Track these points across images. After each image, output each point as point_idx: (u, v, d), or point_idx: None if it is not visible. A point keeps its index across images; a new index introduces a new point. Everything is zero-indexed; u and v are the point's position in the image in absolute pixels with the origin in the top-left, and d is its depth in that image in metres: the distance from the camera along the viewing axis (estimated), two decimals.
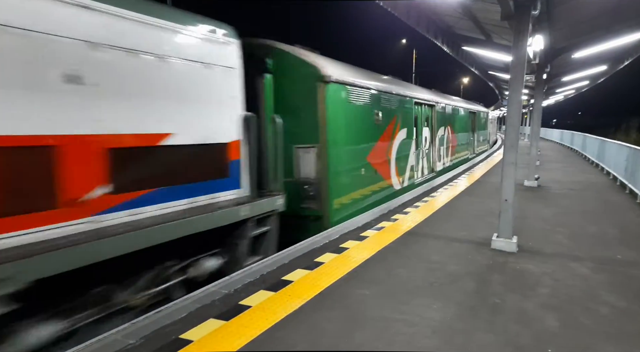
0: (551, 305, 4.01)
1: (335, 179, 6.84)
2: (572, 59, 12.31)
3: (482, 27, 10.34)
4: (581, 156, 21.10)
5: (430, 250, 5.63)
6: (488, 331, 3.50)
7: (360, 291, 4.27)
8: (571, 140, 26.71)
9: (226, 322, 3.57)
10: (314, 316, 3.72)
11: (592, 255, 5.54)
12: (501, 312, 3.85)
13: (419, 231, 6.57)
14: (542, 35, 8.69)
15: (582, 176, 13.77)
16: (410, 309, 3.87)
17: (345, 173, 7.25)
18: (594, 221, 7.42)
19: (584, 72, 16.13)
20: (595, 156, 16.96)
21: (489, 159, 19.08)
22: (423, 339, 3.35)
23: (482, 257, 5.36)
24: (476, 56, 15.26)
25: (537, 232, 6.63)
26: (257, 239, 5.44)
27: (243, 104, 5.18)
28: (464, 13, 9.28)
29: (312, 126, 6.54)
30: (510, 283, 4.54)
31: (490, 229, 6.36)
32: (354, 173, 7.61)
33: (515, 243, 5.65)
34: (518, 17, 5.43)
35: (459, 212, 8.01)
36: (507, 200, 5.66)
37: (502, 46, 11.15)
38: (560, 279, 4.69)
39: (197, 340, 3.26)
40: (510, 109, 5.65)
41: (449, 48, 12.63)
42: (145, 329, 3.35)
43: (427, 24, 10.76)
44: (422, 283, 4.50)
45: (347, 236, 6.30)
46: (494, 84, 26.67)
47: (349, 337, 3.38)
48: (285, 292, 4.23)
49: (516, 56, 5.55)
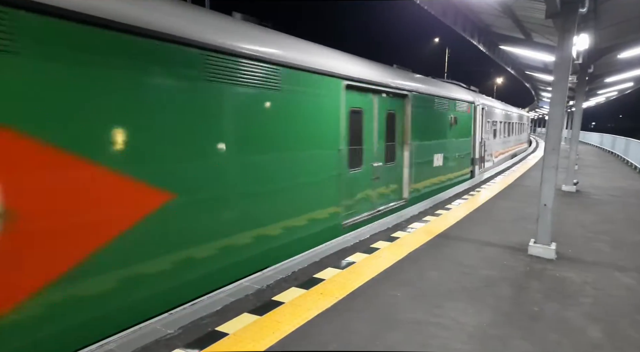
0: (594, 315, 3.85)
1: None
2: (617, 59, 11.72)
3: (522, 26, 10.00)
4: (623, 161, 20.11)
5: (463, 253, 5.51)
6: (525, 339, 3.40)
7: (392, 293, 4.23)
8: (612, 144, 25.51)
9: (260, 317, 3.63)
10: (345, 315, 3.72)
11: (636, 265, 5.28)
12: (540, 320, 3.73)
13: (451, 234, 6.45)
14: (587, 34, 8.32)
15: (624, 181, 13.12)
16: (444, 313, 3.81)
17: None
18: (638, 230, 7.06)
19: (629, 73, 15.34)
20: (638, 161, 16.14)
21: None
22: (458, 344, 3.29)
23: (519, 263, 5.20)
24: (513, 56, 14.80)
25: (576, 239, 6.37)
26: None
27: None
28: (503, 11, 9.01)
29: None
30: (549, 291, 4.39)
31: (526, 235, 6.16)
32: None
33: (554, 250, 5.45)
34: (564, 15, 5.22)
35: (493, 215, 7.80)
36: (547, 205, 5.47)
37: (543, 45, 10.76)
38: (602, 288, 4.49)
39: (232, 333, 3.33)
40: (552, 111, 5.45)
41: (485, 47, 12.30)
42: (183, 320, 3.44)
43: (464, 22, 10.51)
44: (455, 287, 4.42)
45: (377, 236, 6.26)
46: (531, 85, 25.79)
47: (381, 338, 3.36)
48: (317, 290, 4.25)
49: (560, 56, 5.34)
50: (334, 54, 6.57)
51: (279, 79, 4.93)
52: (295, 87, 5.26)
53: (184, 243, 3.89)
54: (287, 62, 5.05)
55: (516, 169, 15.57)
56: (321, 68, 5.72)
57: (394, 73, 8.33)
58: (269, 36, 5.13)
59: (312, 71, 5.54)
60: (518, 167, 16.24)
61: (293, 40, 5.67)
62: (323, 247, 5.47)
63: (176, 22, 3.76)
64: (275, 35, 5.34)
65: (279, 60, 4.91)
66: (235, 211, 4.49)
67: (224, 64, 4.19)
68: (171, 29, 3.65)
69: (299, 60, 5.29)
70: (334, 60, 6.31)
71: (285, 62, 5.02)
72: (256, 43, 4.69)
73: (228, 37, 4.31)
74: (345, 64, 6.52)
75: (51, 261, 2.92)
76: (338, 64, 6.27)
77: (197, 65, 3.93)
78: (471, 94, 13.31)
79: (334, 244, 5.67)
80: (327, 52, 6.37)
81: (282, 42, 5.33)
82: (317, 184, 5.80)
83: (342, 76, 6.21)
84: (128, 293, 3.43)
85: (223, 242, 4.32)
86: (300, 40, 5.88)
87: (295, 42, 5.67)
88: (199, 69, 3.94)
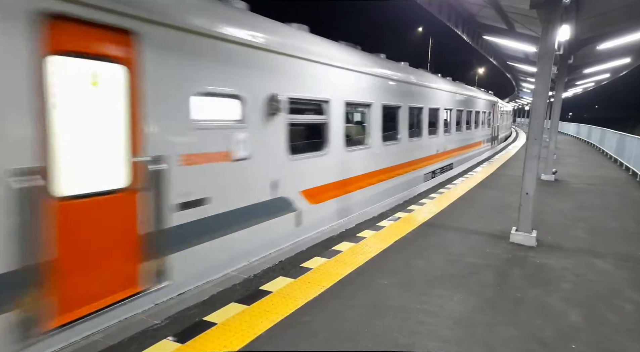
0: (574, 300, 3.97)
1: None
2: (596, 51, 11.97)
3: (506, 16, 10.08)
4: (599, 151, 20.71)
5: (448, 242, 5.60)
6: (510, 324, 3.48)
7: (380, 281, 4.27)
8: (588, 134, 26.22)
9: (248, 306, 3.61)
10: (334, 303, 3.73)
11: (613, 251, 5.46)
12: (522, 305, 3.83)
13: (436, 222, 6.53)
14: (569, 25, 8.44)
15: (600, 170, 13.52)
16: (430, 300, 3.87)
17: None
18: (614, 217, 7.30)
19: (607, 64, 15.70)
20: (613, 151, 16.63)
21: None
22: (445, 330, 3.35)
23: (501, 251, 5.31)
24: (496, 46, 14.95)
25: (556, 227, 6.55)
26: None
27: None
28: (488, 1, 9.05)
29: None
30: (530, 277, 4.50)
31: (507, 222, 6.29)
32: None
33: (534, 237, 5.59)
34: (548, 6, 5.27)
35: (476, 204, 7.94)
36: (528, 193, 5.58)
37: (525, 36, 10.88)
38: (581, 274, 4.64)
39: (220, 323, 3.30)
40: (535, 101, 5.53)
41: (469, 37, 12.37)
42: (170, 310, 3.40)
43: (449, 11, 10.53)
44: (441, 274, 4.49)
45: (363, 225, 6.29)
46: (512, 75, 26.17)
47: (370, 325, 3.39)
48: (305, 279, 4.25)
49: (544, 47, 5.40)
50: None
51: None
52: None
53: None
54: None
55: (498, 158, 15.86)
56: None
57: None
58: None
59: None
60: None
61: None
62: (309, 236, 5.47)
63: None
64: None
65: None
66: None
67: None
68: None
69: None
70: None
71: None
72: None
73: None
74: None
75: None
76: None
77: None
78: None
79: (320, 233, 5.67)
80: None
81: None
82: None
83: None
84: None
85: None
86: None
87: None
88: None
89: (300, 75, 5.55)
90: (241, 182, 4.52)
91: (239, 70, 4.44)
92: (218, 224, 4.17)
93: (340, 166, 6.59)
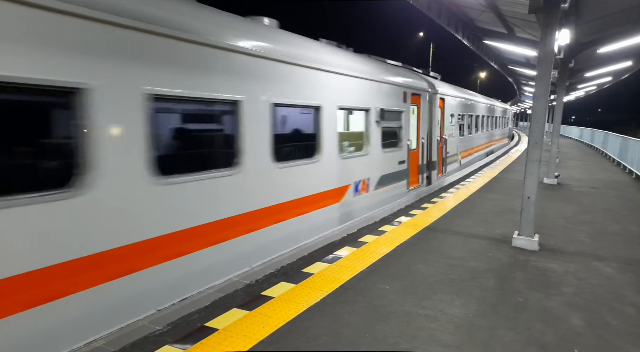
0: (576, 304, 3.96)
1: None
2: (597, 54, 11.99)
3: (505, 21, 10.13)
4: (602, 154, 20.65)
5: (450, 246, 5.60)
6: (511, 328, 3.48)
7: (381, 286, 4.28)
8: (591, 137, 26.17)
9: (249, 312, 3.62)
10: (335, 309, 3.74)
11: (616, 254, 5.44)
12: (524, 310, 3.82)
13: (438, 227, 6.54)
14: (568, 29, 8.47)
15: (603, 174, 13.48)
16: (431, 305, 3.87)
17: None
18: (617, 220, 7.27)
19: (608, 67, 15.71)
20: (616, 154, 16.58)
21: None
22: (446, 335, 3.35)
23: (503, 255, 5.31)
24: (497, 50, 14.99)
25: (558, 231, 6.53)
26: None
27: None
28: (487, 5, 9.10)
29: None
30: (532, 281, 4.49)
31: (509, 226, 6.29)
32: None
33: (536, 241, 5.58)
34: (547, 10, 5.30)
35: (478, 208, 7.93)
36: (530, 197, 5.58)
37: (525, 40, 10.92)
38: (584, 278, 4.62)
39: (222, 328, 3.32)
40: (536, 105, 5.54)
41: (469, 41, 12.42)
42: (172, 316, 3.42)
43: (449, 16, 10.59)
44: (443, 279, 4.49)
45: (365, 230, 6.30)
46: (513, 79, 26.20)
47: (371, 330, 3.40)
48: (306, 284, 4.26)
49: (543, 51, 5.42)
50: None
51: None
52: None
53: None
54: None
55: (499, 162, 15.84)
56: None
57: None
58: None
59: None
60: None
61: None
62: (311, 241, 5.49)
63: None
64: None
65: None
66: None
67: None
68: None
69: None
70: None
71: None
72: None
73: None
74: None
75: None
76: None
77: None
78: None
79: (322, 237, 5.68)
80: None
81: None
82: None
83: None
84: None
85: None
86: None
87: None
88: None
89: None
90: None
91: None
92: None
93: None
